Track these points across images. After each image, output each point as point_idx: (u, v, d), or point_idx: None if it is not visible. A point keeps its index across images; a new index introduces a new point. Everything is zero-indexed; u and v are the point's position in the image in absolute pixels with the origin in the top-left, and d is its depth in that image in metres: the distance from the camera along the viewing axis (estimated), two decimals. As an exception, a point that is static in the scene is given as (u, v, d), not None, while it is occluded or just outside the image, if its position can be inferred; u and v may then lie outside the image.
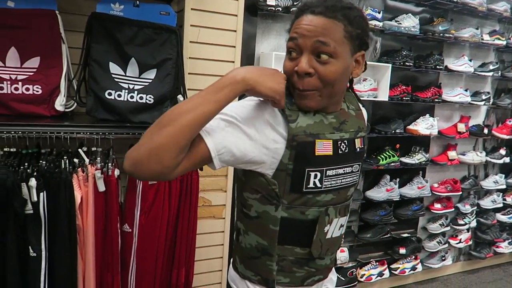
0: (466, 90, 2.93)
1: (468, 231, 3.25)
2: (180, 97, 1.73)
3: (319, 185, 0.90)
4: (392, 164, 2.70)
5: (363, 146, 1.00)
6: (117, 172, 1.61)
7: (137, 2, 1.67)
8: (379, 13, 2.48)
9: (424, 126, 2.78)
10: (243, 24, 2.05)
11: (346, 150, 0.93)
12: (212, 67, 1.99)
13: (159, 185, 1.63)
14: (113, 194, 1.58)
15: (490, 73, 3.01)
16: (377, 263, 2.85)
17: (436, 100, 2.79)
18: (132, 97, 1.64)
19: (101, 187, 1.54)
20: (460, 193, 3.07)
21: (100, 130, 1.58)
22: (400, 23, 2.57)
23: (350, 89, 1.05)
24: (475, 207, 3.25)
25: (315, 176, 0.89)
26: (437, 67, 2.73)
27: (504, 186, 3.30)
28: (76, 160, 1.54)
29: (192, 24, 1.90)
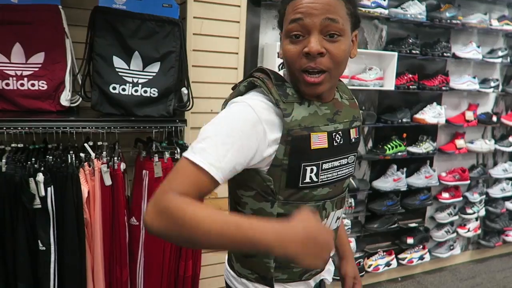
0: (474, 78, 2.88)
1: (476, 220, 3.23)
2: (184, 90, 1.73)
3: (315, 180, 0.87)
4: (399, 153, 2.68)
5: (358, 136, 0.96)
6: (123, 165, 1.62)
7: (140, -5, 1.66)
8: (384, 0, 2.44)
9: (431, 114, 2.75)
10: (247, 15, 2.04)
11: (341, 142, 0.90)
12: (216, 59, 1.98)
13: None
14: (119, 187, 1.59)
15: (499, 60, 2.95)
16: (384, 253, 2.84)
17: (444, 88, 2.75)
18: (136, 90, 1.64)
19: (108, 181, 1.55)
20: (469, 182, 3.05)
21: (106, 124, 1.59)
22: (406, 10, 2.53)
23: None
24: (484, 196, 3.22)
25: (311, 171, 0.86)
26: (444, 54, 2.69)
27: (513, 174, 3.27)
28: (82, 155, 1.56)
29: (195, 16, 1.89)
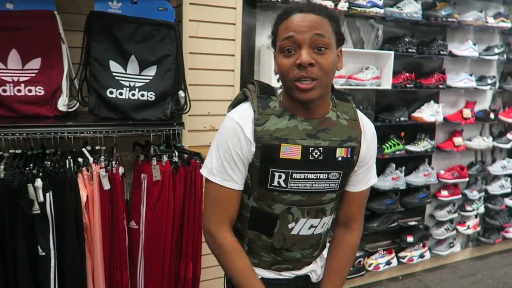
0: (471, 75, 2.89)
1: (476, 217, 3.24)
2: (181, 93, 1.73)
3: (283, 185, 0.98)
4: (398, 152, 2.68)
5: (349, 156, 1.01)
6: (121, 169, 1.62)
7: (135, -1, 1.66)
8: None
9: (429, 113, 2.75)
10: (243, 17, 2.04)
11: (320, 157, 0.97)
12: (213, 61, 1.99)
13: (164, 182, 1.64)
14: (118, 191, 1.59)
15: (496, 57, 2.96)
16: (384, 252, 2.85)
17: (441, 86, 2.76)
18: (133, 94, 1.65)
19: (106, 185, 1.55)
20: (467, 179, 3.05)
21: (103, 129, 1.60)
22: (402, 9, 2.53)
23: (348, 97, 1.08)
24: (483, 193, 3.23)
25: (280, 177, 0.97)
26: (441, 52, 2.69)
27: (512, 171, 3.28)
28: (80, 160, 1.56)
29: (191, 18, 1.89)
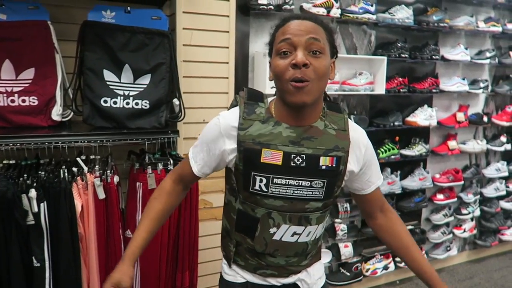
0: (463, 79, 2.92)
1: (472, 220, 3.25)
2: (175, 101, 1.74)
3: (265, 190, 1.01)
4: (392, 156, 2.70)
5: (334, 165, 1.01)
6: (116, 178, 1.62)
7: (128, 8, 1.67)
8: (372, 6, 2.48)
9: (423, 117, 2.77)
10: (236, 24, 2.05)
11: (303, 165, 0.99)
12: (207, 69, 2.00)
13: (159, 190, 1.63)
14: (113, 201, 1.58)
15: (487, 61, 2.99)
16: (382, 257, 2.85)
17: (434, 90, 2.78)
18: (127, 103, 1.65)
19: (101, 194, 1.54)
20: (462, 182, 3.07)
21: (98, 138, 1.59)
22: (394, 15, 2.56)
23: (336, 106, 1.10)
24: (478, 196, 3.24)
25: (261, 181, 1.00)
26: (433, 57, 2.72)
27: (506, 173, 3.29)
28: (75, 169, 1.55)
29: (185, 27, 1.91)
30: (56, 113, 1.62)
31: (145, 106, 1.66)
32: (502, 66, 3.21)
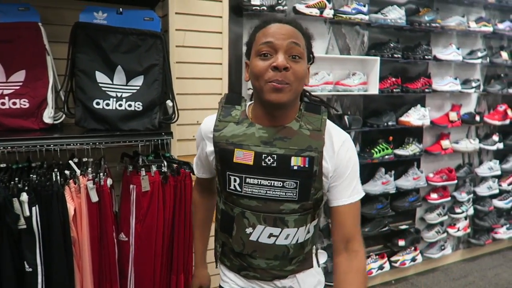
0: (455, 79, 2.94)
1: (465, 219, 3.27)
2: (169, 102, 1.72)
3: (239, 189, 1.03)
4: (386, 156, 2.71)
5: (307, 166, 0.99)
6: (109, 181, 1.60)
7: (120, 9, 1.66)
8: (364, 6, 2.49)
9: (416, 117, 2.79)
10: (229, 25, 2.05)
11: (274, 165, 0.99)
12: (200, 70, 1.99)
13: (153, 192, 1.62)
14: (106, 204, 1.56)
15: (479, 60, 3.02)
16: (377, 257, 2.85)
17: (427, 90, 2.80)
18: (120, 105, 1.63)
19: (94, 197, 1.52)
20: (456, 181, 3.09)
21: (90, 140, 1.57)
22: (386, 15, 2.58)
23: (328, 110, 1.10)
24: (472, 195, 3.27)
25: (235, 180, 1.02)
26: (426, 57, 2.74)
27: (499, 172, 3.32)
28: (67, 172, 1.53)
29: (177, 28, 1.90)
30: (48, 116, 1.60)
31: (138, 108, 1.64)
32: (493, 66, 3.24)
